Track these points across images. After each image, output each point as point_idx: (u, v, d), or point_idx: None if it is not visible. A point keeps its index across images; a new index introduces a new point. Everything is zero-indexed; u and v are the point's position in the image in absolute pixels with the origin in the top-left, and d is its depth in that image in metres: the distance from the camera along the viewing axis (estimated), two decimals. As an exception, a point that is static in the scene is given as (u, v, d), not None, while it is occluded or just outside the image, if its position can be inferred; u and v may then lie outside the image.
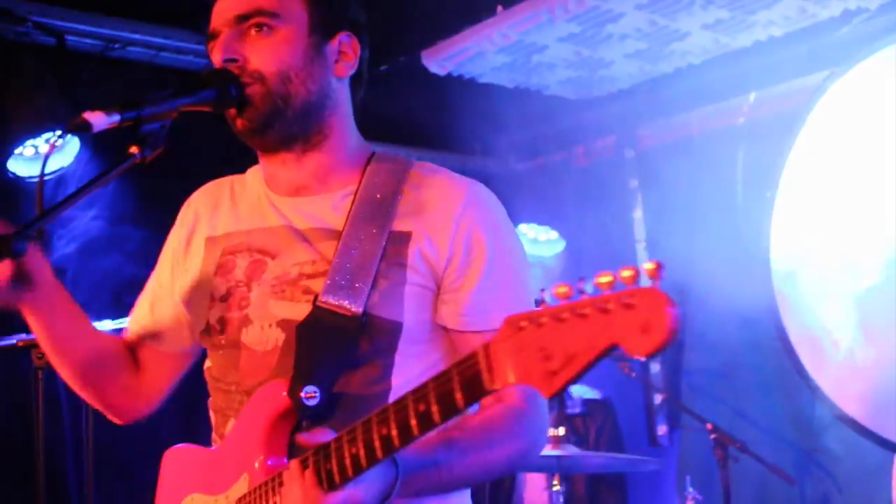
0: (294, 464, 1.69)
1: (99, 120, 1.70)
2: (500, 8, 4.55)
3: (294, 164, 1.98)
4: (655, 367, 5.25)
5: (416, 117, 5.28)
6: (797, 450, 4.69)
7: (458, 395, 1.46)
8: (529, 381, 1.33)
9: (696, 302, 5.02)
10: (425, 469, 1.75)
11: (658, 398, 5.24)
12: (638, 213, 5.51)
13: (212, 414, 2.05)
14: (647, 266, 1.27)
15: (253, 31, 1.91)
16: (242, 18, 1.92)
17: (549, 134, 5.68)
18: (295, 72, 1.91)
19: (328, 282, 1.85)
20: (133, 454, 4.71)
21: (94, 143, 4.30)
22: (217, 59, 1.92)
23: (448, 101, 4.87)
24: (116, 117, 1.72)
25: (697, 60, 4.92)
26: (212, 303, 1.99)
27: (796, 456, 4.68)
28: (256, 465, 1.81)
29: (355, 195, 1.95)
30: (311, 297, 1.86)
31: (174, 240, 2.16)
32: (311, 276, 1.89)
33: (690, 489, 4.24)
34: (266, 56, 1.90)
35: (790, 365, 4.56)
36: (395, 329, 1.87)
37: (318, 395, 1.77)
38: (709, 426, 4.42)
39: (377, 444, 1.57)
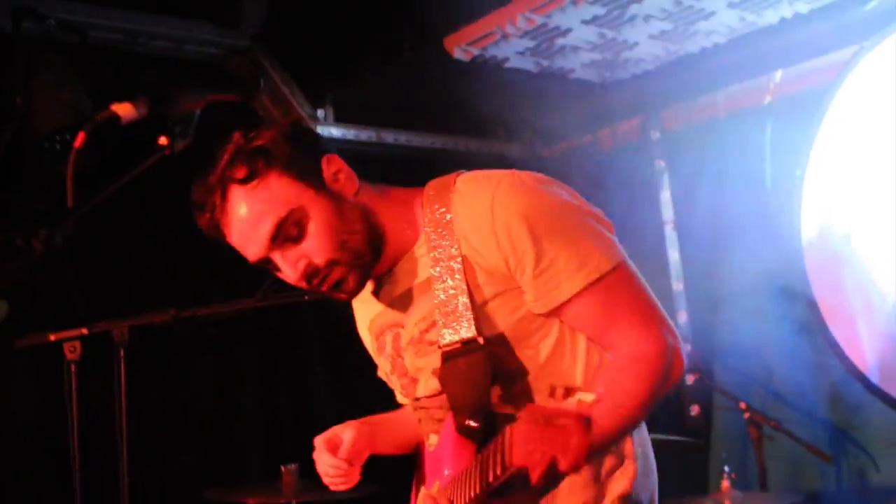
0: (440, 487, 2.03)
1: (127, 112, 1.70)
2: (522, -9, 4.53)
3: None
4: (686, 347, 5.23)
5: (440, 104, 5.28)
6: (833, 427, 4.67)
7: (498, 469, 1.70)
8: (522, 467, 1.61)
9: (726, 282, 5.00)
10: None
11: (690, 378, 5.21)
12: (665, 195, 5.48)
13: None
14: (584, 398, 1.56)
15: (289, 239, 2.02)
16: (274, 238, 2.01)
17: (574, 118, 5.65)
18: (343, 231, 2.03)
19: (438, 327, 2.04)
20: (168, 447, 4.75)
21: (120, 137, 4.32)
22: (298, 282, 2.05)
23: (472, 87, 4.86)
24: (144, 108, 1.72)
25: (723, 39, 4.87)
26: (388, 378, 2.29)
27: (832, 433, 4.65)
28: (444, 475, 2.08)
29: (424, 241, 2.09)
30: (436, 347, 2.05)
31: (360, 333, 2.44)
32: (427, 331, 2.09)
33: (726, 468, 4.22)
34: (320, 249, 2.02)
35: (824, 341, 4.54)
36: (502, 340, 2.03)
37: (476, 421, 1.97)
38: (742, 405, 4.41)
39: (468, 492, 1.86)
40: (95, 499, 4.36)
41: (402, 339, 2.16)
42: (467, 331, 1.98)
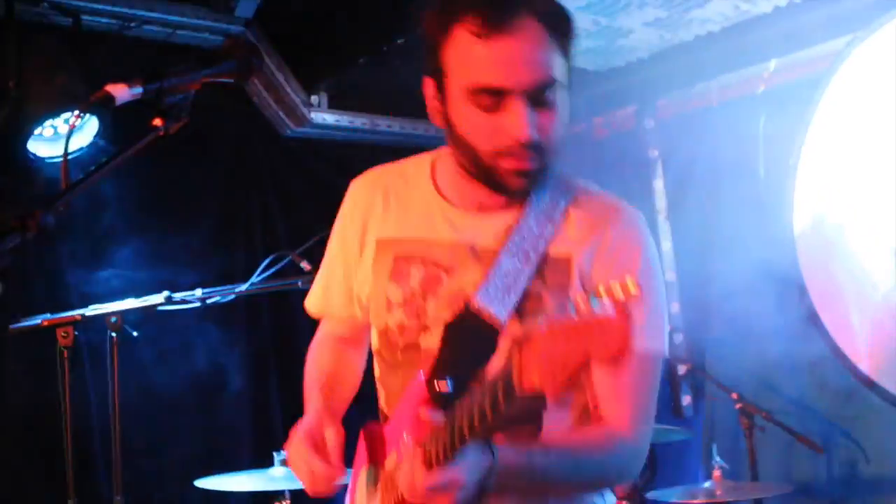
0: (411, 443, 1.87)
1: (122, 92, 1.69)
2: (517, -23, 4.50)
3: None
4: (679, 337, 5.23)
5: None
6: (824, 418, 4.67)
7: (500, 396, 1.58)
8: (542, 386, 1.48)
9: (719, 272, 5.00)
10: (520, 467, 1.88)
11: (682, 368, 5.22)
12: (659, 184, 5.47)
13: (381, 389, 2.19)
14: (629, 285, 1.42)
15: (544, 102, 1.94)
16: (538, 91, 1.92)
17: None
18: (564, 135, 1.99)
19: (482, 288, 1.98)
20: (160, 432, 4.75)
21: (113, 121, 4.31)
22: (516, 132, 1.92)
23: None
24: (139, 89, 1.70)
25: (717, 28, 4.87)
26: (389, 306, 2.10)
27: (823, 424, 4.66)
28: (403, 443, 1.99)
29: (521, 213, 2.04)
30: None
31: (347, 232, 2.24)
32: (478, 291, 2.01)
33: (717, 458, 4.22)
34: (554, 131, 1.96)
35: (816, 331, 4.54)
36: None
37: (450, 385, 1.93)
38: (734, 395, 4.41)
39: (456, 434, 1.71)
40: (87, 485, 4.36)
41: (444, 286, 2.05)
42: (503, 312, 1.96)
